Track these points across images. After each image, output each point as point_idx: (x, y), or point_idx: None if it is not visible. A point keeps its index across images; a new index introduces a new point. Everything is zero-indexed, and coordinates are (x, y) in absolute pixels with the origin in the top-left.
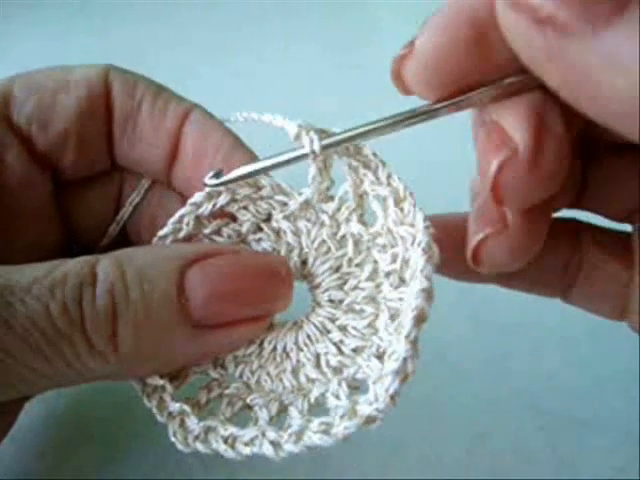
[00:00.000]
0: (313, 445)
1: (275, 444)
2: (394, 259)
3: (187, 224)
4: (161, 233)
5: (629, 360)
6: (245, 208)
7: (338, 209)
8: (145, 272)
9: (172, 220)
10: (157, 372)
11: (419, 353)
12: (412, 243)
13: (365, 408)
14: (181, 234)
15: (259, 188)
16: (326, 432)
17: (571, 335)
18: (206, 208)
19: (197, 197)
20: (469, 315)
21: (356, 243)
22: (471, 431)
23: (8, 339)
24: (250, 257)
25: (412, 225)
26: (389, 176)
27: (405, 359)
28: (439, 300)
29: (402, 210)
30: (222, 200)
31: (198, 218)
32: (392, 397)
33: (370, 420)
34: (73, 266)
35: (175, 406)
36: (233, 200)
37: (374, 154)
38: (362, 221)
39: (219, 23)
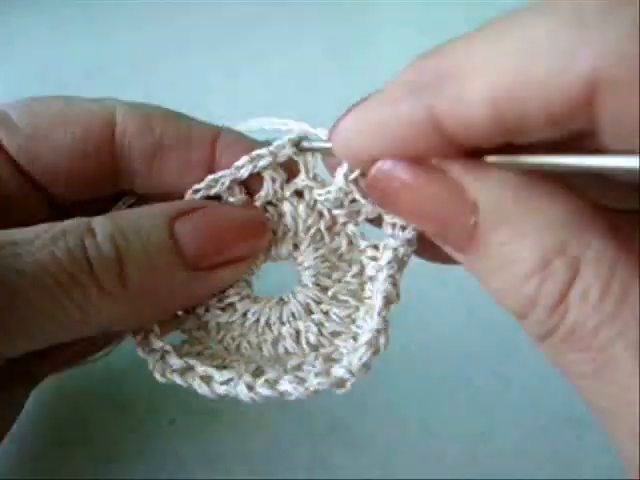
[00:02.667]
0: (287, 392)
1: (250, 387)
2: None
3: (222, 184)
4: (196, 186)
5: None
6: (272, 180)
7: (342, 207)
8: (139, 224)
9: (211, 176)
10: (158, 316)
11: (388, 332)
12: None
13: (338, 370)
14: (212, 191)
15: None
16: (300, 383)
17: None
18: (246, 170)
19: (243, 160)
20: (469, 315)
21: (349, 242)
22: (471, 431)
23: (21, 283)
24: (231, 208)
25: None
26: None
27: (377, 331)
28: (439, 300)
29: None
30: (263, 162)
31: (234, 181)
32: (364, 365)
33: (341, 382)
34: (68, 224)
35: (159, 344)
36: (267, 168)
37: None
38: (358, 226)
39: (219, 26)
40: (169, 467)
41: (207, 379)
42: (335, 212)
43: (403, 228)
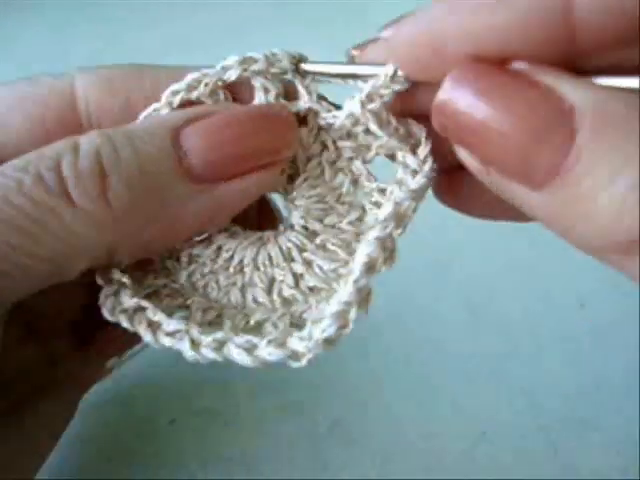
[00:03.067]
0: (232, 359)
1: (195, 343)
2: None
3: (206, 84)
4: (175, 87)
5: (629, 360)
6: (265, 91)
7: (348, 138)
8: (135, 134)
9: (192, 75)
10: (159, 241)
11: (367, 304)
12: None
13: (295, 342)
14: (194, 94)
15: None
16: (248, 351)
17: (571, 335)
18: (234, 73)
19: (230, 59)
20: (469, 315)
21: (353, 181)
22: (471, 431)
23: None
24: (248, 107)
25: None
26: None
27: (347, 303)
28: (439, 300)
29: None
30: (255, 67)
31: (218, 83)
32: (326, 341)
33: (296, 356)
34: (55, 144)
35: (116, 274)
36: (259, 75)
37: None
38: (366, 164)
39: (219, 26)
40: (169, 467)
41: (155, 326)
42: (341, 144)
43: (414, 173)
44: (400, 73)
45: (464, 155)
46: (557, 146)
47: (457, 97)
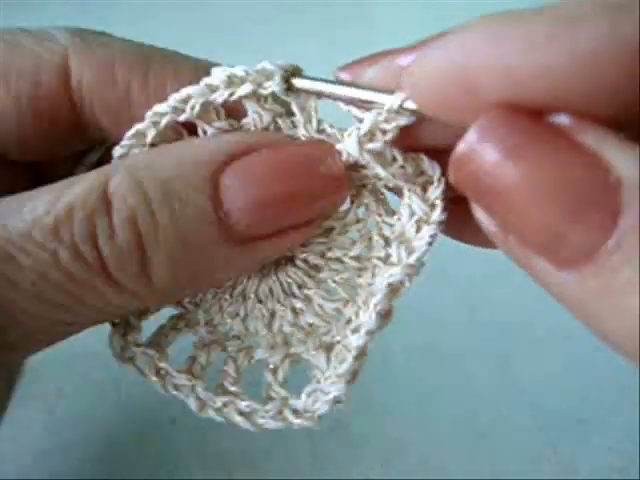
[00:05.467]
0: (234, 422)
1: (201, 402)
2: (388, 257)
3: (192, 107)
4: (157, 108)
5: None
6: (261, 111)
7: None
8: (171, 187)
9: (176, 96)
10: (194, 294)
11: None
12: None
13: (291, 416)
14: (180, 117)
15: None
16: (248, 416)
17: (571, 335)
18: (221, 95)
19: (215, 77)
20: (469, 315)
21: (363, 205)
22: (471, 431)
23: (15, 297)
24: (295, 148)
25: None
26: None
27: (347, 380)
28: (439, 299)
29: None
30: (244, 90)
31: (206, 105)
32: (320, 417)
33: (299, 425)
34: (78, 193)
35: (132, 320)
36: (254, 97)
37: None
38: (377, 196)
39: (218, 23)
40: (169, 467)
41: (163, 373)
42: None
43: (420, 223)
44: (411, 106)
45: (481, 216)
46: (595, 226)
47: (482, 153)
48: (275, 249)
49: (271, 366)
